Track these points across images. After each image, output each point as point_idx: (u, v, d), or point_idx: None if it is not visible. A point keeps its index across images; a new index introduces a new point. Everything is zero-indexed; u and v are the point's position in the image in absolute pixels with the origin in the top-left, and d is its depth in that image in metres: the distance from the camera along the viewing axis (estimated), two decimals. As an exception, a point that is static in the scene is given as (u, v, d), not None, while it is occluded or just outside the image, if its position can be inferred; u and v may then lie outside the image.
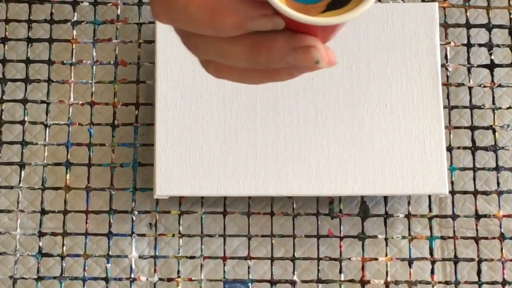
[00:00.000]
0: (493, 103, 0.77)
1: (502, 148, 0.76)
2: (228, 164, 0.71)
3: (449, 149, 0.75)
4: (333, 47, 0.67)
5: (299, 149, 0.72)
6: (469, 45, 0.78)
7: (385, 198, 0.75)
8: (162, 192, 0.71)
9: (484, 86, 0.77)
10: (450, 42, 0.78)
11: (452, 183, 0.75)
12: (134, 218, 0.74)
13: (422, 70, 0.73)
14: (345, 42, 0.73)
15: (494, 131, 0.76)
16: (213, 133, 0.72)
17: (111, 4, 0.79)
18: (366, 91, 0.73)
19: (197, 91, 0.72)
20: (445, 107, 0.76)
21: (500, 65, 0.78)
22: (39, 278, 0.73)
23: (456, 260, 0.73)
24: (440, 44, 0.76)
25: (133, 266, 0.73)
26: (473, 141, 0.76)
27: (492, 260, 0.73)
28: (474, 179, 0.75)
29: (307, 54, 0.41)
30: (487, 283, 0.73)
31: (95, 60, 0.78)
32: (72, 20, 0.79)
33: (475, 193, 0.75)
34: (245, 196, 0.74)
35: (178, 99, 0.72)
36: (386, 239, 0.74)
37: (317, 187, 0.71)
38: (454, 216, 0.74)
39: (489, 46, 0.78)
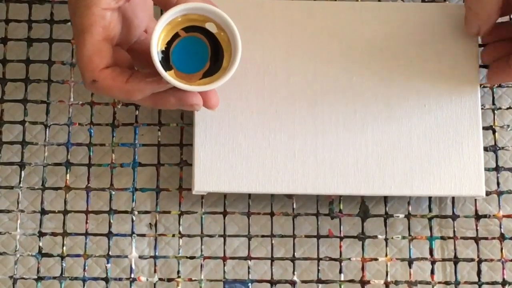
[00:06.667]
0: (493, 103, 0.77)
1: (502, 148, 0.76)
2: (266, 162, 0.71)
3: (449, 149, 0.75)
4: (373, 46, 0.74)
5: (337, 148, 0.72)
6: (469, 45, 0.78)
7: (385, 198, 0.75)
8: (201, 188, 0.71)
9: (484, 86, 0.77)
10: (450, 42, 0.78)
11: (452, 183, 0.75)
12: (134, 218, 0.74)
13: (460, 71, 0.73)
14: (385, 42, 0.73)
15: (494, 131, 0.76)
16: (251, 131, 0.72)
17: (111, 4, 0.79)
18: (405, 91, 0.73)
19: (236, 88, 0.72)
20: (445, 107, 0.76)
21: (500, 65, 0.78)
22: (39, 278, 0.73)
23: (456, 260, 0.73)
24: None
25: (133, 266, 0.73)
26: (473, 141, 0.76)
27: (492, 260, 0.73)
28: (474, 179, 0.75)
29: (191, 108, 0.64)
30: (487, 283, 0.73)
31: (95, 60, 0.78)
32: (72, 20, 0.79)
33: (475, 193, 0.75)
34: (285, 194, 0.74)
35: None
36: (386, 239, 0.74)
37: (354, 186, 0.71)
38: (454, 216, 0.74)
39: (489, 46, 0.78)
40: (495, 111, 0.77)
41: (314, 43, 0.74)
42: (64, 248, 0.74)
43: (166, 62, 0.62)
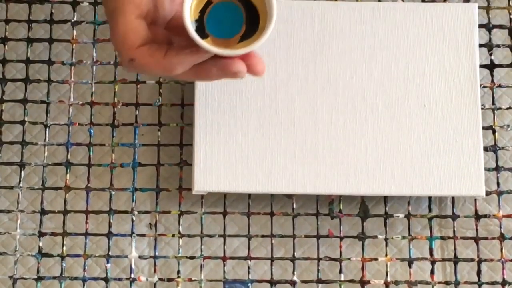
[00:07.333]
0: (493, 103, 0.77)
1: (502, 148, 0.76)
2: (266, 162, 0.71)
3: (449, 149, 0.75)
4: (373, 46, 0.73)
5: (337, 148, 0.72)
6: (469, 45, 0.78)
7: (385, 198, 0.75)
8: (201, 188, 0.71)
9: (484, 87, 0.77)
10: (450, 42, 0.78)
11: (452, 183, 0.75)
12: (134, 218, 0.74)
13: (460, 71, 0.73)
14: (384, 41, 0.74)
15: (494, 131, 0.76)
16: (251, 131, 0.72)
17: (111, 4, 0.79)
18: (405, 91, 0.73)
19: (236, 88, 0.72)
20: (445, 107, 0.76)
21: (500, 65, 0.78)
22: (39, 278, 0.73)
23: (456, 260, 0.73)
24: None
25: (133, 266, 0.73)
26: (473, 141, 0.76)
27: (492, 260, 0.73)
28: (474, 179, 0.75)
29: (235, 76, 0.60)
30: (487, 283, 0.73)
31: (95, 60, 0.78)
32: (72, 20, 0.79)
33: (475, 193, 0.75)
34: (285, 194, 0.74)
35: (217, 97, 0.72)
36: (386, 239, 0.74)
37: (354, 186, 0.71)
38: (454, 216, 0.74)
39: (489, 46, 0.78)
40: (495, 111, 0.77)
41: (314, 43, 0.74)
42: (64, 248, 0.74)
43: (202, 31, 0.60)
